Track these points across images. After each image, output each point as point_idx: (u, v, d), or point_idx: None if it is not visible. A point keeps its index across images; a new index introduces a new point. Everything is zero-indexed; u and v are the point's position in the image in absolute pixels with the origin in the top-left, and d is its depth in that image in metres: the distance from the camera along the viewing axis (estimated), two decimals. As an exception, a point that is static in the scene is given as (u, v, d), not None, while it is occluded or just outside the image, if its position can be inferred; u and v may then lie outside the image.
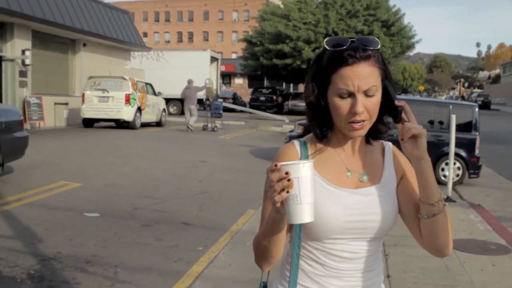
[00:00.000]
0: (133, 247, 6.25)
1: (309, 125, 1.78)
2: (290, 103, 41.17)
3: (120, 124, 21.50)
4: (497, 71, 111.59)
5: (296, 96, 42.80)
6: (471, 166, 11.57)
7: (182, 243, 6.50)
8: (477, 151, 11.57)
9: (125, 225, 7.14)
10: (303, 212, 1.47)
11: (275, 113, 38.74)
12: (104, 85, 20.99)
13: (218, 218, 7.78)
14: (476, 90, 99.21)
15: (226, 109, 35.37)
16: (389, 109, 1.69)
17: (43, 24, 21.07)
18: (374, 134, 1.78)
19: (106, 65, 25.39)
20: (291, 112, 39.75)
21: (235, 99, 44.68)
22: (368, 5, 37.64)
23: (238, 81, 74.76)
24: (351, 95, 1.63)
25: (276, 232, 1.60)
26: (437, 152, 11.18)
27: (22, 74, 20.24)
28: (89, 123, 21.49)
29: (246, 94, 59.57)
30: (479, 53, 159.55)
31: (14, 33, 20.26)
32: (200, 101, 36.30)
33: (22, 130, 9.55)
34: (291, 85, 60.85)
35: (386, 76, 1.70)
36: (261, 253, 1.70)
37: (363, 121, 1.66)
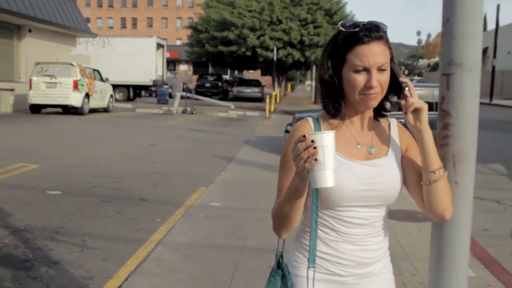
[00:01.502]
0: (96, 219, 6.79)
1: (323, 102, 1.94)
2: (235, 90, 41.84)
3: (68, 110, 21.67)
4: (436, 59, 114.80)
5: (241, 82, 43.48)
6: None
7: (141, 216, 7.07)
8: None
9: (86, 201, 7.66)
10: (326, 177, 1.62)
11: (220, 99, 39.28)
12: (51, 71, 21.09)
13: (172, 195, 8.36)
14: (416, 77, 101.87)
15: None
16: (393, 86, 1.86)
17: (-12, 10, 21.02)
18: (381, 111, 1.95)
19: (51, 51, 25.44)
20: (236, 99, 40.42)
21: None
22: (311, -7, 38.54)
23: (183, 67, 74.72)
24: (366, 70, 1.80)
25: (297, 198, 1.74)
26: None
27: (-33, 59, 20.20)
28: (36, 109, 21.58)
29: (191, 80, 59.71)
30: (419, 41, 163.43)
31: (-41, 18, 20.20)
32: (146, 88, 36.57)
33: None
34: (236, 71, 61.45)
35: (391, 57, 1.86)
36: (281, 221, 1.84)
37: (376, 94, 1.82)
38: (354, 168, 1.85)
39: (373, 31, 1.79)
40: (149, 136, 15.79)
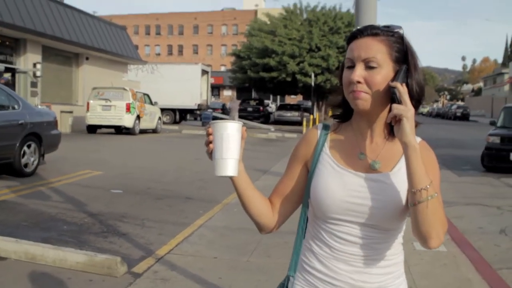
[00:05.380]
0: (152, 210, 8.59)
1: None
2: (276, 114, 43.67)
3: (120, 130, 23.85)
4: (480, 84, 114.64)
5: (282, 107, 45.30)
6: None
7: (187, 209, 8.84)
8: None
9: (143, 198, 9.49)
10: (223, 166, 1.66)
11: (262, 122, 41.10)
12: (107, 95, 23.36)
13: (213, 195, 10.08)
14: (459, 102, 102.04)
15: (216, 119, 37.63)
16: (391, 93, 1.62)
17: (52, 40, 23.46)
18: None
19: (105, 77, 27.73)
20: (277, 122, 42.21)
21: (224, 109, 47.08)
22: (349, 22, 40.16)
23: (227, 93, 77.08)
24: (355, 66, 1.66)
25: (235, 188, 1.83)
26: None
27: (33, 84, 22.53)
28: (92, 129, 23.89)
29: (234, 105, 61.84)
30: (464, 66, 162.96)
31: (27, 48, 22.77)
32: (191, 111, 38.63)
33: (57, 128, 11.89)
34: (278, 97, 63.33)
35: (404, 61, 1.66)
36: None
37: (360, 91, 1.64)
38: (346, 177, 1.71)
39: (368, 29, 1.69)
40: (194, 152, 17.60)
